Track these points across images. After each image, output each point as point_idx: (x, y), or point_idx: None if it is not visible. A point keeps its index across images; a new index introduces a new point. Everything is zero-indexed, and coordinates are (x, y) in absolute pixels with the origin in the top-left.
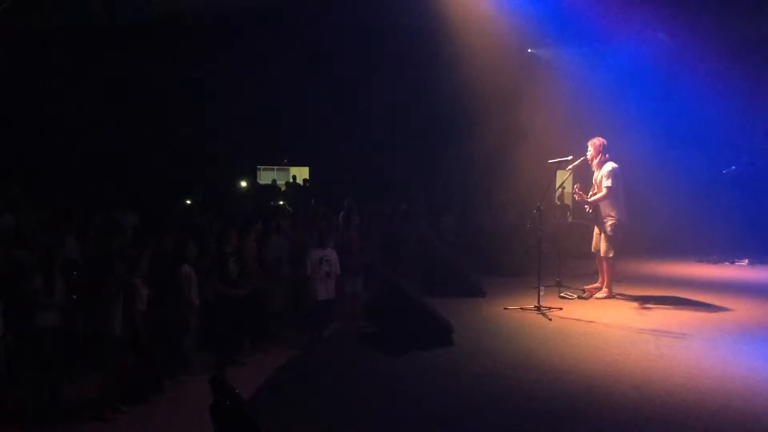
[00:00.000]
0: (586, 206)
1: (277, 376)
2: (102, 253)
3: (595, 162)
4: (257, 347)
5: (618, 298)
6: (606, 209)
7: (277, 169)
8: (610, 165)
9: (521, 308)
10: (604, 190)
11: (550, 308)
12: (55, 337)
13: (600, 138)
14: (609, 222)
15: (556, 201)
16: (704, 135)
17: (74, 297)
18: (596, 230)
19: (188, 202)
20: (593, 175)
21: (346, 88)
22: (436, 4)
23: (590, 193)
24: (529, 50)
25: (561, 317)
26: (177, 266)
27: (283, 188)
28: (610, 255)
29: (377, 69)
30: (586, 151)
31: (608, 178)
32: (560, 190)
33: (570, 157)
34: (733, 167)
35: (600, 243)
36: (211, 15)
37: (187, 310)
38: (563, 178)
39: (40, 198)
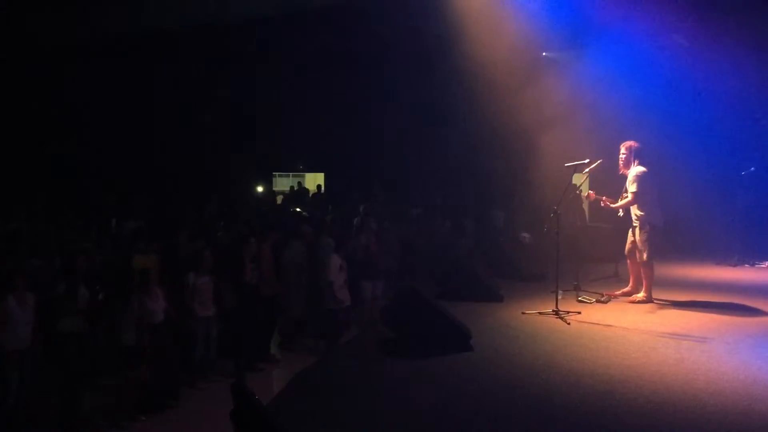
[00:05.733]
0: (619, 212)
1: (297, 382)
2: (121, 264)
3: (628, 167)
4: (276, 354)
5: (656, 303)
6: (636, 214)
7: (292, 175)
8: (637, 170)
9: (539, 313)
10: (630, 196)
11: (568, 312)
12: (76, 343)
13: (633, 141)
14: (639, 224)
15: (583, 206)
16: (722, 136)
17: (96, 305)
18: (630, 234)
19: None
20: (625, 180)
21: (363, 93)
22: (452, 10)
23: (620, 198)
24: (544, 53)
25: (580, 321)
26: (185, 275)
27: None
28: (645, 259)
29: (395, 74)
30: (620, 154)
31: (634, 183)
32: (578, 192)
33: (587, 160)
34: (752, 168)
35: (633, 246)
36: (228, 22)
37: (196, 320)
38: (580, 181)
39: (60, 206)
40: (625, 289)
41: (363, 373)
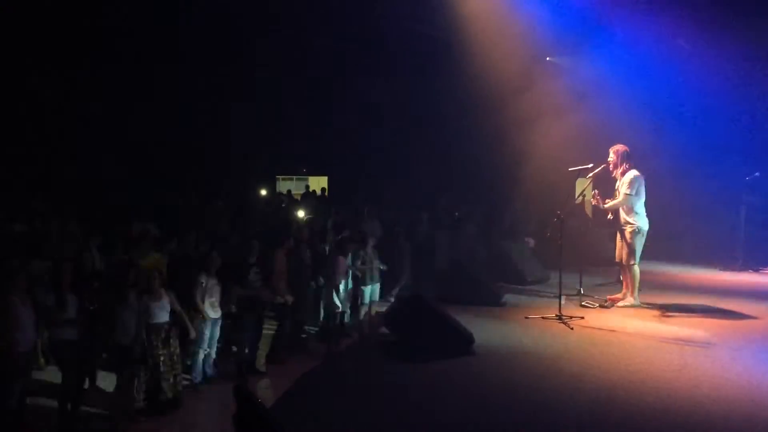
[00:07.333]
0: (608, 215)
1: (299, 385)
2: (123, 264)
3: (617, 170)
4: (280, 357)
5: (642, 307)
6: (624, 217)
7: (296, 178)
8: (633, 173)
9: (542, 317)
10: (621, 197)
11: (571, 317)
12: (71, 349)
13: (622, 145)
14: (628, 229)
15: (587, 212)
16: (726, 141)
17: (91, 308)
18: (618, 239)
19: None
20: (615, 183)
21: (366, 96)
22: (455, 14)
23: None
24: (548, 58)
25: (583, 326)
26: (197, 276)
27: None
28: (631, 262)
29: (397, 78)
30: (608, 157)
31: (628, 186)
32: (581, 198)
33: (590, 165)
34: (757, 174)
35: (621, 251)
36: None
37: (204, 321)
38: (584, 185)
39: (62, 208)
40: (618, 295)
41: (365, 377)
